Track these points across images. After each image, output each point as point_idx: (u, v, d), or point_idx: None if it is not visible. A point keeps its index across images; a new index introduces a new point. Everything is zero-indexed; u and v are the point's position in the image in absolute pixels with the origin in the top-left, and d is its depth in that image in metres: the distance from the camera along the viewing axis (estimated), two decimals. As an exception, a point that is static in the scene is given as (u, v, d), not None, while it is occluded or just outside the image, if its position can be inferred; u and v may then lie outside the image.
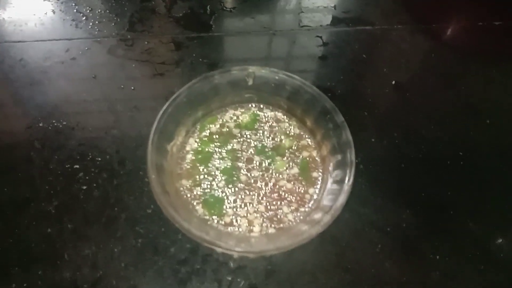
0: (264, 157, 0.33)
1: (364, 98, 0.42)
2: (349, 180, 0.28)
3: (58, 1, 0.49)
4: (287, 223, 0.30)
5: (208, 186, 0.31)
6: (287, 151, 0.33)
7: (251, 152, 0.33)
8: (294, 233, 0.28)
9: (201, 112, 0.33)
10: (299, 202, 0.31)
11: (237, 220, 0.30)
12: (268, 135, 0.34)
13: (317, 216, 0.28)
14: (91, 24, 0.47)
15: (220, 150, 0.33)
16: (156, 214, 0.34)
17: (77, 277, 0.31)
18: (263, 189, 0.31)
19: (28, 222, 0.33)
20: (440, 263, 0.33)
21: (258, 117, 0.35)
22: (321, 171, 0.32)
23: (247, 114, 0.35)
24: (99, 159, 0.37)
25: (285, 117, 0.35)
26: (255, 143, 0.33)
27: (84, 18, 0.47)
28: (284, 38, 0.47)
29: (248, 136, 0.34)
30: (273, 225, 0.30)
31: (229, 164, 0.32)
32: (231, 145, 0.33)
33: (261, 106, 0.35)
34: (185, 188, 0.31)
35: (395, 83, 0.44)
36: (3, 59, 0.43)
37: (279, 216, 0.30)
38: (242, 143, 0.33)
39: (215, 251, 0.32)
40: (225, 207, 0.30)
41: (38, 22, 0.46)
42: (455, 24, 0.51)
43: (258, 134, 0.34)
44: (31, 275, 0.31)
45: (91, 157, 0.37)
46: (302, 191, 0.31)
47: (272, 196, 0.31)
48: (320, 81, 0.44)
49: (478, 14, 0.51)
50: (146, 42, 0.45)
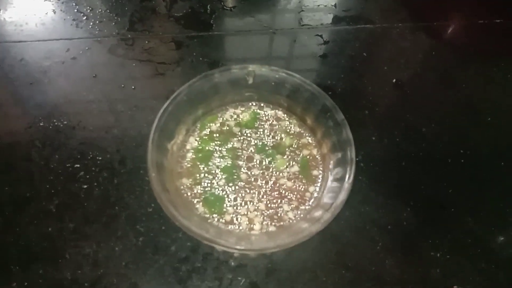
0: (265, 155, 0.33)
1: (365, 96, 0.42)
2: (349, 178, 0.28)
3: (58, 1, 0.49)
4: (288, 221, 0.30)
5: (209, 185, 0.31)
6: (287, 149, 0.33)
7: (251, 150, 0.33)
8: (294, 230, 0.28)
9: (201, 111, 0.33)
10: (300, 200, 0.31)
11: (237, 218, 0.30)
12: (268, 133, 0.34)
13: (318, 214, 0.28)
14: (91, 23, 0.47)
15: (220, 149, 0.33)
16: (156, 212, 0.34)
17: (78, 276, 0.31)
18: (264, 187, 0.31)
19: (29, 221, 0.33)
20: (440, 261, 0.33)
21: (258, 116, 0.34)
22: (321, 169, 0.32)
23: (247, 112, 0.35)
24: (100, 158, 0.37)
25: (285, 115, 0.35)
26: (255, 141, 0.33)
27: (85, 17, 0.47)
28: (284, 37, 0.47)
29: (248, 135, 0.34)
30: (273, 223, 0.30)
31: (229, 162, 0.32)
32: (231, 143, 0.33)
33: (261, 104, 0.35)
34: (185, 186, 0.31)
35: (395, 81, 0.43)
36: (3, 59, 0.43)
37: (279, 214, 0.30)
38: (242, 141, 0.33)
39: (215, 249, 0.33)
40: (225, 205, 0.30)
41: (39, 22, 0.47)
42: (456, 23, 0.51)
43: (258, 133, 0.34)
44: (31, 274, 0.31)
45: (91, 156, 0.37)
46: (303, 189, 0.31)
47: (273, 194, 0.31)
48: (320, 79, 0.44)
49: (479, 12, 0.51)
50: (147, 42, 0.45)
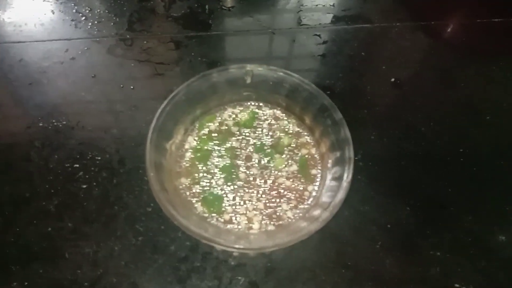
0: (263, 154, 0.33)
1: (363, 95, 0.42)
2: (347, 176, 0.28)
3: (57, 1, 0.49)
4: (286, 220, 0.30)
5: (207, 184, 0.31)
6: (286, 148, 0.33)
7: (250, 150, 0.33)
8: (293, 229, 0.28)
9: (200, 111, 0.33)
10: (298, 199, 0.31)
11: (236, 218, 0.30)
12: (267, 133, 0.34)
13: (316, 212, 0.28)
14: (90, 24, 0.47)
15: (219, 148, 0.33)
16: (155, 212, 0.34)
17: (78, 275, 0.31)
18: (262, 186, 0.31)
19: (29, 221, 0.33)
20: (440, 260, 0.33)
21: (256, 115, 0.35)
22: (320, 168, 0.32)
23: (245, 112, 0.35)
24: (99, 158, 0.37)
25: (283, 115, 0.35)
26: (254, 141, 0.33)
27: (83, 18, 0.47)
28: (283, 37, 0.47)
29: (247, 134, 0.34)
30: (272, 222, 0.30)
31: (228, 162, 0.32)
32: (230, 143, 0.33)
33: (259, 104, 0.35)
34: (184, 186, 0.31)
35: (394, 80, 0.43)
36: (2, 59, 0.43)
37: (278, 213, 0.30)
38: (241, 141, 0.33)
39: (215, 248, 0.33)
40: (224, 204, 0.30)
41: (38, 22, 0.47)
42: (455, 22, 0.51)
43: (257, 132, 0.34)
44: (31, 273, 0.31)
45: (90, 156, 0.37)
46: (301, 188, 0.31)
47: (271, 193, 0.31)
48: (319, 79, 0.44)
49: (478, 11, 0.51)
50: (145, 42, 0.45)
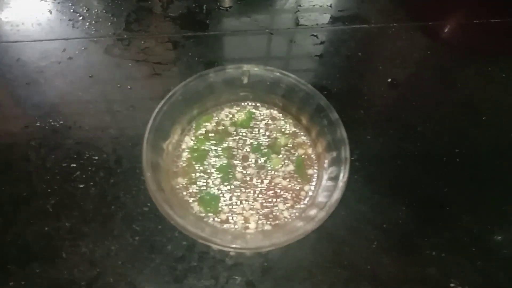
0: (260, 154, 0.33)
1: (360, 96, 0.43)
2: (343, 176, 0.28)
3: (55, 1, 0.49)
4: (283, 220, 0.30)
5: (204, 184, 0.31)
6: (282, 148, 0.33)
7: (246, 150, 0.33)
8: (289, 229, 0.28)
9: (197, 111, 0.33)
10: (295, 199, 0.31)
11: (233, 217, 0.30)
12: (263, 133, 0.34)
13: (312, 212, 0.28)
14: (87, 24, 0.47)
15: (215, 148, 0.33)
16: (152, 212, 0.34)
17: (75, 275, 0.31)
18: (259, 186, 0.31)
19: (26, 220, 0.34)
20: (437, 259, 0.33)
21: (253, 115, 0.35)
22: (316, 168, 0.32)
23: (242, 112, 0.35)
24: (96, 158, 0.37)
25: (280, 115, 0.35)
26: (250, 141, 0.33)
27: (81, 18, 0.47)
28: (280, 37, 0.47)
29: (243, 134, 0.34)
30: (268, 222, 0.30)
31: (224, 162, 0.32)
32: (226, 143, 0.33)
33: (256, 104, 0.35)
34: (181, 185, 0.31)
35: (391, 80, 0.44)
36: (0, 59, 0.43)
37: (274, 213, 0.30)
38: (237, 141, 0.33)
39: (211, 248, 0.33)
40: (220, 204, 0.30)
41: (35, 22, 0.47)
42: (452, 22, 0.51)
43: (253, 132, 0.34)
44: (29, 273, 0.31)
45: (88, 156, 0.37)
46: (298, 188, 0.31)
47: (268, 193, 0.31)
48: (316, 79, 0.44)
49: (475, 12, 0.51)
50: (143, 42, 0.45)
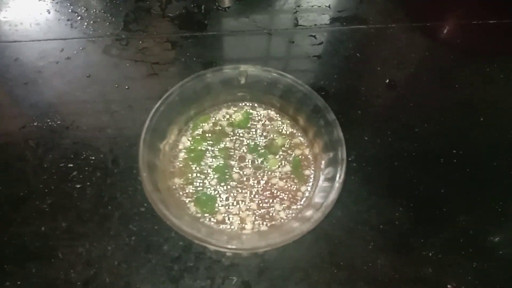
0: (257, 155, 0.33)
1: (358, 96, 0.43)
2: (340, 177, 0.28)
3: (53, 1, 0.49)
4: (279, 221, 0.30)
5: (201, 184, 0.31)
6: (279, 149, 0.33)
7: (243, 150, 0.33)
8: (285, 230, 0.28)
9: (194, 111, 0.33)
10: (291, 199, 0.31)
11: (229, 218, 0.30)
12: (260, 133, 0.34)
13: (309, 213, 0.28)
14: (86, 24, 0.47)
15: (212, 149, 0.33)
16: (149, 212, 0.34)
17: (71, 275, 0.31)
18: (256, 187, 0.31)
19: (23, 220, 0.34)
20: (433, 260, 0.33)
21: (251, 116, 0.35)
22: (313, 169, 0.32)
23: (240, 112, 0.35)
24: (93, 158, 0.37)
25: (277, 115, 0.35)
26: (247, 141, 0.33)
27: (79, 18, 0.47)
28: (278, 38, 0.47)
29: (240, 135, 0.34)
30: (265, 223, 0.30)
31: (221, 162, 0.32)
32: (223, 143, 0.33)
33: (254, 104, 0.35)
34: (177, 186, 0.31)
35: (388, 81, 0.44)
36: (-2, 59, 0.43)
37: (271, 214, 0.30)
38: (234, 141, 0.33)
39: (208, 249, 0.33)
40: (217, 205, 0.30)
41: (33, 22, 0.47)
42: (451, 23, 0.51)
43: (250, 133, 0.34)
44: (25, 273, 0.31)
45: (85, 156, 0.37)
46: (294, 188, 0.31)
47: (265, 194, 0.31)
48: (314, 79, 0.44)
49: (474, 12, 0.51)
50: (141, 42, 0.45)
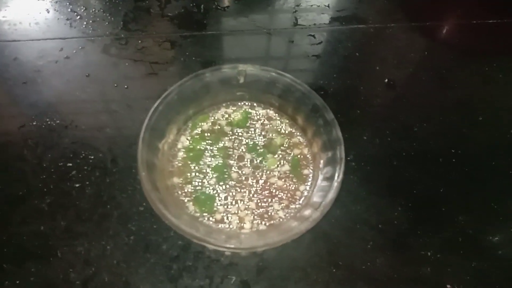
0: (256, 154, 0.33)
1: (357, 96, 0.43)
2: (338, 177, 0.28)
3: (52, 0, 0.49)
4: (278, 220, 0.30)
5: (199, 184, 0.31)
6: (278, 148, 0.33)
7: (242, 149, 0.33)
8: (284, 229, 0.28)
9: (193, 110, 0.33)
10: (290, 199, 0.31)
11: (228, 217, 0.30)
12: (259, 132, 0.34)
13: (307, 212, 0.28)
14: (85, 23, 0.47)
15: (211, 148, 0.33)
16: (148, 211, 0.34)
17: (70, 274, 0.31)
18: (254, 186, 0.31)
19: (21, 220, 0.34)
20: (431, 260, 0.33)
21: (249, 115, 0.35)
22: (312, 168, 0.32)
23: (238, 112, 0.35)
24: (92, 157, 0.37)
25: (276, 115, 0.35)
26: (246, 140, 0.33)
27: (78, 17, 0.47)
28: (278, 37, 0.47)
29: (239, 134, 0.34)
30: (263, 222, 0.30)
31: (220, 161, 0.32)
32: (222, 142, 0.33)
33: (252, 104, 0.35)
34: (176, 185, 0.31)
35: (387, 81, 0.44)
36: (-3, 58, 0.43)
37: (270, 213, 0.30)
38: (233, 140, 0.33)
39: (207, 248, 0.33)
40: (216, 204, 0.30)
41: (33, 21, 0.47)
42: (450, 23, 0.51)
43: (249, 132, 0.34)
44: (24, 272, 0.31)
45: (84, 155, 0.37)
46: (293, 188, 0.31)
47: (263, 193, 0.31)
48: (313, 79, 0.44)
49: (473, 12, 0.51)
50: (140, 41, 0.45)
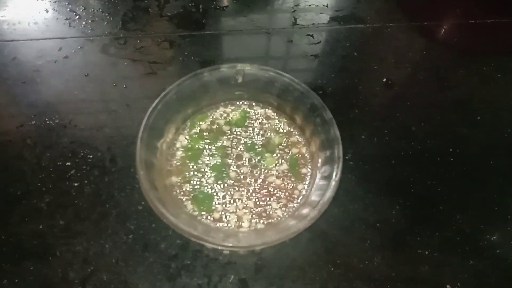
0: (254, 153, 0.33)
1: (355, 95, 0.43)
2: (336, 175, 0.28)
3: (51, 0, 0.49)
4: (276, 219, 0.30)
5: (198, 183, 0.31)
6: (276, 147, 0.33)
7: (240, 149, 0.33)
8: (282, 228, 0.28)
9: (191, 110, 0.34)
10: (288, 198, 0.31)
11: (226, 216, 0.30)
12: (258, 132, 0.34)
13: (305, 211, 0.28)
14: (84, 23, 0.47)
15: (210, 147, 0.33)
16: (146, 210, 0.34)
17: (68, 273, 0.31)
18: (253, 185, 0.32)
19: (20, 219, 0.34)
20: (429, 259, 0.34)
21: (248, 114, 0.35)
22: (310, 167, 0.32)
23: (237, 111, 0.35)
24: (91, 156, 0.37)
25: (275, 114, 0.35)
26: (245, 140, 0.34)
27: (77, 17, 0.47)
28: (276, 37, 0.48)
29: (238, 133, 0.34)
30: (262, 221, 0.30)
31: (219, 160, 0.32)
32: (221, 142, 0.33)
33: (251, 103, 0.35)
34: (174, 184, 0.31)
35: (386, 80, 0.44)
36: (-4, 57, 0.44)
37: (268, 212, 0.30)
38: (232, 140, 0.33)
39: (205, 247, 0.33)
40: (214, 203, 0.31)
41: (32, 21, 0.47)
42: (448, 22, 0.51)
43: (248, 131, 0.34)
44: (22, 271, 0.31)
45: (82, 154, 0.37)
46: (291, 187, 0.32)
47: (261, 192, 0.31)
48: (311, 79, 0.44)
49: (471, 12, 0.51)
50: (139, 41, 0.45)
